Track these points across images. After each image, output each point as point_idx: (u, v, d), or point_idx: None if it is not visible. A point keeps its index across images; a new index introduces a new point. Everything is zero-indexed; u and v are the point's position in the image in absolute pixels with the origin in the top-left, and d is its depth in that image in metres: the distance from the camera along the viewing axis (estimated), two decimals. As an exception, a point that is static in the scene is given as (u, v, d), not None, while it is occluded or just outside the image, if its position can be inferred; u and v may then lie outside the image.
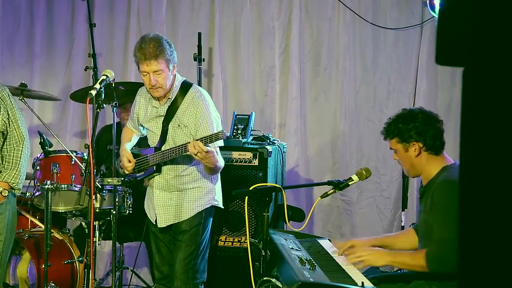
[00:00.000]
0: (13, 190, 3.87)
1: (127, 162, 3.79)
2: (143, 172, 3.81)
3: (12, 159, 3.84)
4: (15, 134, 3.85)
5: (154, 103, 3.79)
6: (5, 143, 3.86)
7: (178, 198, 3.78)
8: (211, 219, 3.87)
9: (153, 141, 3.82)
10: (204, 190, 3.78)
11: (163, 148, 3.72)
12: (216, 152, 3.65)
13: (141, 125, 3.93)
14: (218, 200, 3.87)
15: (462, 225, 1.18)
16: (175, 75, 3.73)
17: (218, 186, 3.88)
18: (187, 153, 3.50)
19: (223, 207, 3.95)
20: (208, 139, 3.41)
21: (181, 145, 3.56)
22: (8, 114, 3.83)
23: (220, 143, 3.73)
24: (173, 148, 3.62)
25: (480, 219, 1.16)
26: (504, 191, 1.12)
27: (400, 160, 3.11)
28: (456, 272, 2.91)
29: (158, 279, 3.99)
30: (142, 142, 4.10)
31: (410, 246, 3.30)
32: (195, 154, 3.44)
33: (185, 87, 3.76)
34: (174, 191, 3.78)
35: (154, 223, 3.85)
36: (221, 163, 3.69)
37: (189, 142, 3.46)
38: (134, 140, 4.03)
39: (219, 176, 3.87)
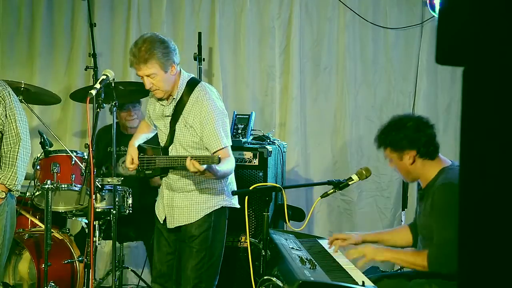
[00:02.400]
0: (11, 192, 3.84)
1: (130, 162, 3.72)
2: (151, 171, 3.74)
3: (9, 160, 3.81)
4: (12, 134, 3.82)
5: (162, 101, 3.70)
6: (2, 143, 3.83)
7: (186, 199, 3.68)
8: (225, 220, 3.74)
9: (162, 139, 3.75)
10: (213, 191, 3.67)
11: (170, 149, 3.66)
12: (228, 154, 3.52)
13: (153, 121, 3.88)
14: (231, 200, 3.73)
15: (462, 225, 1.18)
16: (179, 73, 3.63)
17: (229, 186, 3.74)
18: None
19: (239, 207, 3.76)
20: (203, 161, 3.26)
21: (182, 156, 3.42)
22: (6, 113, 3.80)
23: (228, 143, 3.59)
24: (176, 157, 3.53)
25: (480, 219, 1.16)
26: (504, 191, 1.12)
27: (396, 168, 3.12)
28: (456, 273, 2.92)
29: (154, 277, 3.91)
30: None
31: (404, 243, 3.33)
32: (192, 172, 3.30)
33: (192, 85, 3.65)
34: (182, 192, 3.69)
35: (162, 223, 3.80)
36: (226, 169, 3.49)
37: (188, 157, 3.32)
38: (149, 134, 3.93)
39: (232, 176, 3.74)
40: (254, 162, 4.45)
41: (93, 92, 3.47)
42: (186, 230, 3.69)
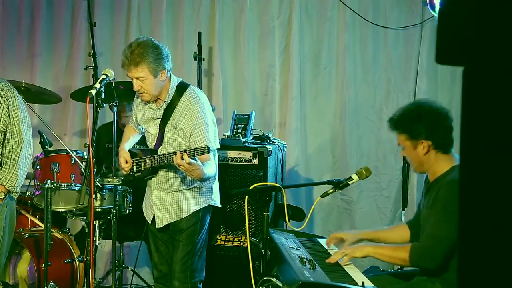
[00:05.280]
0: (10, 193, 3.83)
1: (124, 163, 3.78)
2: (140, 173, 3.80)
3: (10, 161, 3.79)
4: (15, 135, 3.80)
5: (151, 105, 3.77)
6: (5, 143, 3.82)
7: (176, 198, 3.76)
8: (209, 218, 3.87)
9: (151, 142, 3.81)
10: (201, 189, 3.77)
11: (159, 150, 3.71)
12: (209, 158, 3.59)
13: (139, 124, 3.93)
14: (216, 199, 3.86)
15: (462, 224, 1.18)
16: (169, 78, 3.70)
17: (216, 185, 3.87)
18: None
19: (220, 206, 3.94)
20: (193, 153, 3.36)
21: (171, 153, 3.52)
22: (9, 114, 3.79)
23: (215, 146, 3.72)
24: (164, 154, 3.60)
25: (480, 218, 1.16)
26: (504, 190, 1.12)
27: (408, 157, 3.08)
28: (437, 269, 2.90)
29: (156, 278, 4.00)
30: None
31: (400, 240, 3.32)
32: (179, 166, 3.39)
33: (181, 88, 3.72)
34: (172, 191, 3.77)
35: (151, 223, 3.85)
36: (209, 173, 3.58)
37: (176, 152, 3.43)
38: (136, 138, 4.03)
39: (217, 176, 3.86)
40: (254, 162, 4.45)
41: (93, 91, 3.47)
42: (175, 225, 3.78)
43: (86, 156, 4.20)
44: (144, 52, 3.54)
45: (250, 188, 3.29)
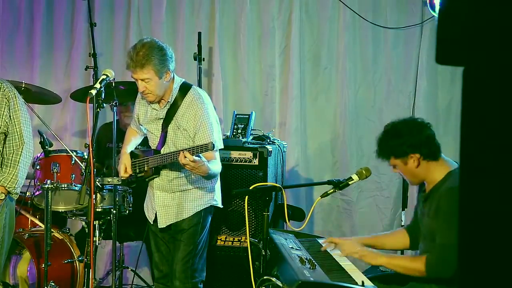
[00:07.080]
0: (10, 194, 3.83)
1: (123, 171, 3.78)
2: (143, 174, 3.80)
3: (10, 163, 3.79)
4: (16, 137, 3.80)
5: (154, 105, 3.77)
6: (5, 144, 3.82)
7: (178, 198, 3.77)
8: (210, 218, 3.88)
9: (153, 143, 3.82)
10: (204, 190, 3.79)
11: (162, 151, 3.71)
12: (214, 157, 3.64)
13: (141, 125, 3.93)
14: (217, 200, 3.87)
15: (462, 226, 1.19)
16: (173, 78, 3.71)
17: (218, 186, 3.88)
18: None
19: (222, 207, 3.95)
20: (198, 150, 3.40)
21: (174, 152, 3.54)
22: (10, 115, 3.79)
23: (220, 145, 3.73)
24: (167, 154, 3.62)
25: (480, 221, 1.16)
26: (504, 192, 1.12)
27: (402, 174, 3.09)
28: (454, 277, 2.90)
29: (157, 278, 4.00)
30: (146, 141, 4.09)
31: (401, 246, 3.32)
32: (184, 165, 3.43)
33: (184, 89, 3.74)
34: (174, 191, 3.78)
35: (153, 223, 3.86)
36: (215, 170, 3.66)
37: (181, 151, 3.45)
38: (138, 140, 4.03)
39: (219, 176, 3.87)
40: (254, 162, 4.45)
41: (93, 92, 3.47)
42: (176, 225, 3.79)
43: (86, 156, 4.20)
44: (149, 53, 3.54)
45: (250, 188, 3.28)
